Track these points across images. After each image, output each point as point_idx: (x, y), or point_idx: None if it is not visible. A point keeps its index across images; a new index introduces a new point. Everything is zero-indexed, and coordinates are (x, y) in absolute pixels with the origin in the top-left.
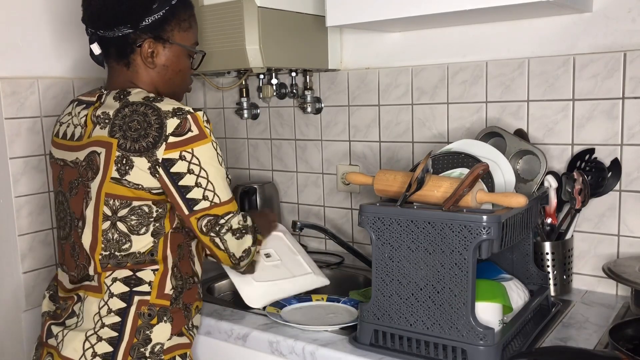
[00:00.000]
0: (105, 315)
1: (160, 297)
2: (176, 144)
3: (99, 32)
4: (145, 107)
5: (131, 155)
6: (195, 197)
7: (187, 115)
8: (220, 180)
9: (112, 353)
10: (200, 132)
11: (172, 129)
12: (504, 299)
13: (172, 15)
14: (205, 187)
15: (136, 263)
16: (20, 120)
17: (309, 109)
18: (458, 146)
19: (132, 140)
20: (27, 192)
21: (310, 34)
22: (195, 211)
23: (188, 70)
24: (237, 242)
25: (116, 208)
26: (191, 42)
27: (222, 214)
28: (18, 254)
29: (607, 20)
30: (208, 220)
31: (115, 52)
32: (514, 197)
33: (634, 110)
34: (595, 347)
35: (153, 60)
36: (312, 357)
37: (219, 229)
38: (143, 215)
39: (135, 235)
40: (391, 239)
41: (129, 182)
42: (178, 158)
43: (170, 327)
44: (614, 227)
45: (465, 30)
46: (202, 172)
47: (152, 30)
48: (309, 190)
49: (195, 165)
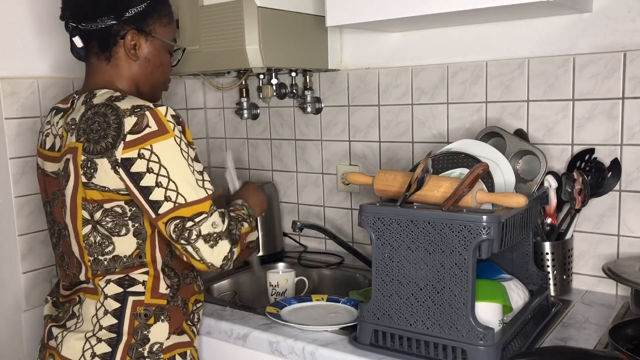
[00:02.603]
0: (102, 317)
1: (155, 297)
2: (134, 142)
3: (81, 25)
4: (105, 107)
5: (94, 158)
6: (158, 198)
7: (145, 111)
8: (184, 177)
9: (110, 353)
10: (161, 127)
11: (129, 126)
12: (504, 299)
13: (153, 9)
14: (167, 187)
15: (125, 267)
16: (20, 120)
17: (309, 109)
18: (458, 146)
19: (94, 142)
20: (27, 192)
21: (310, 34)
22: (160, 215)
23: (169, 66)
24: (212, 250)
25: (92, 211)
26: (170, 37)
27: (189, 216)
28: (18, 254)
29: (607, 20)
30: (175, 224)
31: (97, 45)
32: (514, 197)
33: (634, 110)
34: (595, 347)
35: (136, 53)
36: (312, 357)
37: (187, 234)
38: (117, 216)
39: (117, 236)
40: (391, 239)
41: (96, 185)
42: (137, 157)
43: (168, 326)
44: (614, 227)
45: (465, 30)
46: (162, 170)
47: (135, 22)
48: (309, 190)
49: (154, 163)
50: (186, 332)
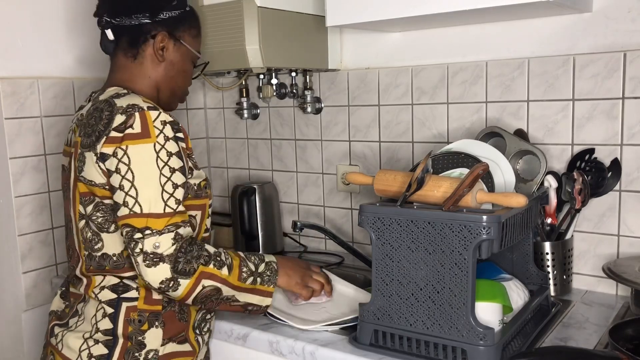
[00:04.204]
0: (100, 320)
1: (149, 303)
2: (114, 139)
3: (115, 19)
4: (105, 103)
5: (84, 151)
6: (117, 200)
7: (136, 112)
8: (148, 186)
9: (107, 355)
10: (144, 130)
11: (117, 124)
12: (504, 299)
13: (185, 17)
14: (127, 192)
15: (115, 267)
16: (20, 120)
17: (309, 109)
18: (458, 146)
19: (86, 136)
20: (27, 192)
21: (310, 34)
22: (118, 217)
23: (190, 76)
24: (148, 269)
25: (85, 205)
26: (197, 49)
27: (139, 227)
28: (18, 254)
29: (607, 20)
30: (126, 231)
31: (127, 41)
32: (514, 197)
33: (634, 110)
34: (595, 347)
35: (163, 54)
36: (312, 357)
37: (133, 245)
38: (107, 211)
39: (105, 232)
40: (391, 239)
41: (84, 179)
42: (111, 154)
43: (162, 332)
44: (614, 227)
45: (465, 30)
46: (129, 173)
47: (167, 25)
48: (309, 190)
49: (123, 165)
50: (189, 341)
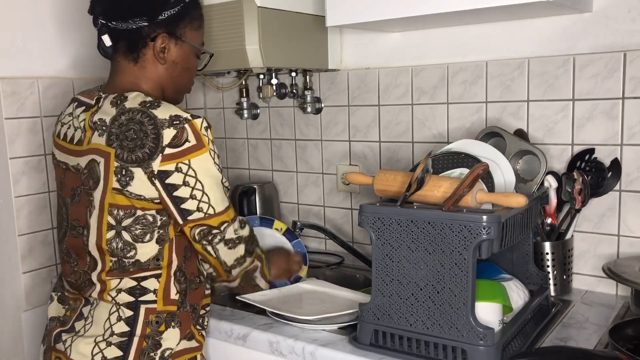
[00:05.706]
0: (115, 323)
1: (167, 304)
2: (173, 156)
3: (111, 23)
4: (141, 114)
5: (130, 167)
6: (190, 208)
7: (184, 124)
8: (216, 190)
9: (121, 357)
10: (198, 141)
11: (168, 139)
12: (504, 299)
13: (185, 12)
14: (200, 199)
15: (139, 269)
16: (20, 120)
17: (309, 109)
18: (458, 146)
19: (128, 150)
20: (27, 192)
21: (310, 34)
22: (188, 220)
23: (194, 70)
24: (229, 251)
25: (120, 218)
26: (200, 41)
27: (215, 225)
28: (18, 254)
29: (607, 20)
30: (201, 229)
31: (126, 46)
32: (514, 197)
33: (634, 110)
34: (595, 347)
35: (164, 56)
36: (312, 357)
37: (211, 238)
38: (148, 224)
39: (140, 243)
40: (391, 239)
41: (131, 193)
42: (174, 170)
43: (179, 331)
44: (614, 227)
45: (465, 30)
46: (198, 184)
47: (166, 26)
48: (309, 190)
49: (191, 177)
50: (195, 337)
